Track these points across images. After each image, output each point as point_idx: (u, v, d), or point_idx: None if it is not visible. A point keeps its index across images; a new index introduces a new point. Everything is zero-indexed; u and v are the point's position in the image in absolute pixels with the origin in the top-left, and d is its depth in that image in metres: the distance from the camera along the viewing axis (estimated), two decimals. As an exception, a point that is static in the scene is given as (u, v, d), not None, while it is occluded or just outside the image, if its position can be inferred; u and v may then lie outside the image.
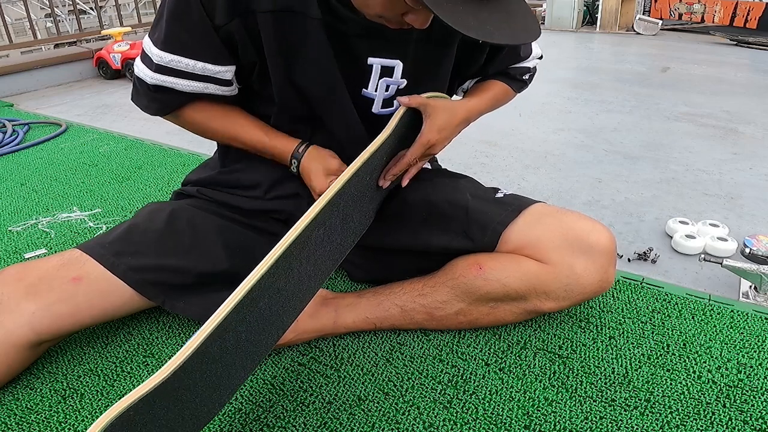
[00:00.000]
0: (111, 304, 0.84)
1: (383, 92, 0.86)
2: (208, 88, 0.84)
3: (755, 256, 1.10)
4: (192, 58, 0.80)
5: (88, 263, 0.83)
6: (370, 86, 0.85)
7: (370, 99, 0.87)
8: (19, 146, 1.93)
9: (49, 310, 0.78)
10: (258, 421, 0.76)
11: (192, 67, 0.80)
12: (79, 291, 0.81)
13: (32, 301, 0.78)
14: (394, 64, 0.84)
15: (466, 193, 0.92)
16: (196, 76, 0.82)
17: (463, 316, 0.89)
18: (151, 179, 1.64)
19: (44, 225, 1.36)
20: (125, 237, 0.87)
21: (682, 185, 1.57)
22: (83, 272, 0.82)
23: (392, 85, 0.86)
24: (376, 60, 0.83)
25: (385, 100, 0.88)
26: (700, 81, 2.83)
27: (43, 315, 0.78)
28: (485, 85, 0.99)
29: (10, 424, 0.77)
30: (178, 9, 0.78)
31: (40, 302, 0.78)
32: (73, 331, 0.83)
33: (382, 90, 0.86)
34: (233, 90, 0.87)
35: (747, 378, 0.83)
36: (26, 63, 2.90)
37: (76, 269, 0.82)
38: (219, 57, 0.81)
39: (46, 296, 0.78)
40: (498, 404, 0.79)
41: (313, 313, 0.89)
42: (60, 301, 0.79)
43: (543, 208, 0.88)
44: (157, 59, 0.80)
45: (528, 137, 1.99)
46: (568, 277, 0.82)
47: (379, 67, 0.83)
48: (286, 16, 0.77)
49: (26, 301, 0.77)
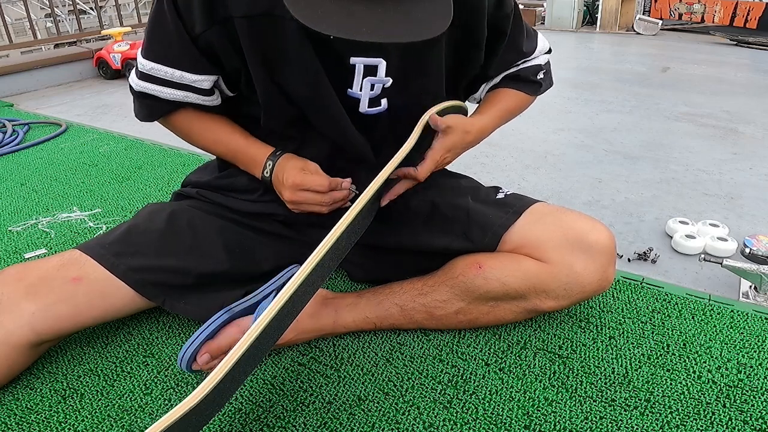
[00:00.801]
0: (111, 305, 0.84)
1: (369, 91, 0.85)
2: (188, 97, 0.85)
3: (755, 256, 1.10)
4: (171, 67, 0.81)
5: (88, 263, 0.83)
6: (355, 86, 0.84)
7: (356, 99, 0.86)
8: (19, 146, 1.93)
9: (49, 310, 0.78)
10: (258, 421, 0.76)
11: (171, 75, 0.82)
12: (79, 291, 0.81)
13: (32, 301, 0.78)
14: (377, 63, 0.83)
15: (468, 195, 0.92)
16: (176, 85, 0.83)
17: (462, 315, 0.89)
18: (151, 179, 1.64)
19: (44, 225, 1.36)
20: (125, 237, 0.87)
21: (682, 185, 1.57)
22: (83, 273, 0.82)
23: (377, 84, 0.85)
24: (359, 59, 0.82)
25: (372, 99, 0.86)
26: (700, 81, 2.83)
27: (43, 315, 0.78)
28: (497, 97, 0.98)
29: (10, 424, 0.77)
30: (157, 18, 0.80)
31: (40, 302, 0.78)
32: (73, 332, 0.83)
33: (368, 89, 0.85)
34: (215, 99, 0.88)
35: (747, 378, 0.83)
36: (26, 63, 2.90)
37: (76, 269, 0.82)
38: (197, 66, 0.81)
39: (46, 296, 0.78)
40: (498, 404, 0.79)
41: (313, 313, 0.89)
42: (60, 302, 0.79)
43: (543, 207, 0.88)
44: (141, 67, 0.84)
45: (528, 137, 1.99)
46: (567, 276, 0.82)
47: (362, 66, 0.82)
48: (264, 19, 0.76)
49: (26, 302, 0.77)
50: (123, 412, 0.78)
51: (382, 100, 0.87)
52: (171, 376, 0.85)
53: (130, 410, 0.78)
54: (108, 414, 0.78)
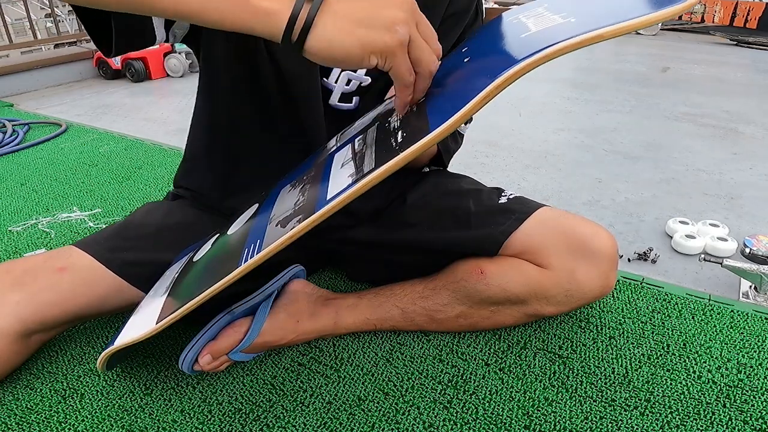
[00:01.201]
0: (96, 293, 0.83)
1: (344, 85, 0.85)
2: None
3: (755, 256, 1.10)
4: None
5: (75, 254, 0.83)
6: (331, 76, 0.84)
7: (328, 90, 0.85)
8: (19, 146, 1.93)
9: (34, 298, 0.78)
10: (258, 421, 0.76)
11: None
12: (64, 280, 0.81)
13: (17, 291, 0.78)
14: None
15: (470, 198, 0.91)
16: None
17: (463, 318, 0.88)
18: (151, 179, 1.64)
19: (44, 225, 1.36)
20: (121, 233, 0.88)
21: (682, 185, 1.57)
22: (68, 263, 0.82)
23: (354, 80, 0.84)
24: None
25: (345, 94, 0.85)
26: (700, 81, 2.83)
27: (28, 303, 0.77)
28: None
29: (10, 424, 0.77)
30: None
31: (25, 291, 0.78)
32: (60, 322, 0.82)
33: (343, 83, 0.84)
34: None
35: (747, 378, 0.83)
36: (26, 63, 2.90)
37: (62, 260, 0.82)
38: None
39: (31, 285, 0.79)
40: (498, 404, 0.79)
41: (314, 313, 0.89)
42: (44, 290, 0.79)
43: (545, 213, 0.87)
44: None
45: (528, 137, 1.99)
46: (569, 283, 0.82)
47: None
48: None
49: (11, 292, 0.77)
50: (123, 412, 0.78)
51: (354, 98, 0.86)
52: (171, 376, 0.85)
53: (130, 410, 0.78)
54: (108, 414, 0.78)
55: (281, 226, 0.56)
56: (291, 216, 0.57)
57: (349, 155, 0.60)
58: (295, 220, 0.54)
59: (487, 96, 0.44)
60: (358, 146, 0.60)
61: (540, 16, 0.54)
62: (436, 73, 0.56)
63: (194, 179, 0.97)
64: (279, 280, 0.87)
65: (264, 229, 0.61)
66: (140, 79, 2.91)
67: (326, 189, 0.55)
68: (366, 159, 0.54)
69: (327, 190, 0.54)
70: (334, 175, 0.57)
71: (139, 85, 2.86)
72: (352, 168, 0.54)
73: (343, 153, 0.63)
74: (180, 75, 3.00)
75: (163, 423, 0.76)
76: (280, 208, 0.63)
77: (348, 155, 0.60)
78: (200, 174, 0.96)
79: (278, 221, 0.59)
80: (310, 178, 0.65)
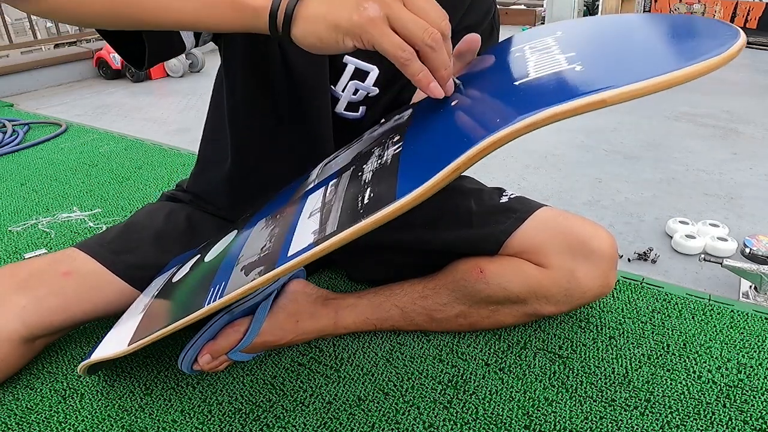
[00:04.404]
0: (101, 298, 0.83)
1: (351, 95, 0.85)
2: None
3: (755, 256, 1.10)
4: None
5: (80, 258, 0.83)
6: (339, 85, 0.84)
7: (335, 98, 0.86)
8: (19, 146, 1.93)
9: (40, 303, 0.78)
10: (258, 421, 0.76)
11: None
12: (69, 284, 0.81)
13: (23, 295, 0.78)
14: (369, 69, 0.82)
15: (471, 198, 0.91)
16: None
17: (463, 318, 0.88)
18: (151, 179, 1.64)
19: (44, 225, 1.36)
20: (124, 235, 0.88)
21: (682, 185, 1.57)
22: (73, 267, 0.82)
23: (361, 90, 0.85)
24: (353, 60, 0.81)
25: (351, 103, 0.86)
26: (700, 81, 2.82)
27: (34, 308, 0.78)
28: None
29: (10, 424, 0.77)
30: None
31: (31, 295, 0.78)
32: (65, 326, 0.82)
33: (350, 92, 0.85)
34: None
35: (747, 378, 0.83)
36: (26, 63, 2.90)
37: (67, 264, 0.82)
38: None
39: (36, 290, 0.79)
40: (498, 404, 0.79)
41: (314, 313, 0.89)
42: (50, 295, 0.79)
43: (545, 213, 0.87)
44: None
45: (528, 137, 1.98)
46: (569, 282, 0.82)
47: (353, 68, 0.82)
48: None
49: (17, 296, 0.77)
50: (123, 412, 0.78)
51: (361, 107, 0.86)
52: (171, 376, 0.85)
53: (130, 410, 0.78)
54: (108, 414, 0.78)
55: (245, 273, 0.58)
56: (255, 264, 0.59)
57: (318, 204, 0.60)
58: (256, 271, 0.56)
59: (458, 168, 0.43)
60: (329, 195, 0.60)
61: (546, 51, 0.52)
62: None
63: (204, 185, 0.97)
64: (279, 280, 0.87)
65: (231, 270, 0.63)
66: (140, 79, 2.91)
67: (289, 243, 0.56)
68: (331, 216, 0.54)
69: (290, 246, 0.55)
70: (301, 226, 0.58)
71: (139, 85, 2.86)
72: (317, 223, 0.55)
73: (316, 197, 0.63)
74: (180, 75, 3.00)
75: (163, 423, 0.76)
76: (248, 250, 0.65)
77: (318, 204, 0.60)
78: (210, 180, 0.96)
79: (243, 266, 0.61)
80: (282, 219, 0.66)
